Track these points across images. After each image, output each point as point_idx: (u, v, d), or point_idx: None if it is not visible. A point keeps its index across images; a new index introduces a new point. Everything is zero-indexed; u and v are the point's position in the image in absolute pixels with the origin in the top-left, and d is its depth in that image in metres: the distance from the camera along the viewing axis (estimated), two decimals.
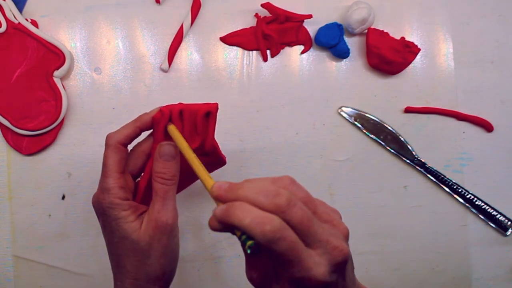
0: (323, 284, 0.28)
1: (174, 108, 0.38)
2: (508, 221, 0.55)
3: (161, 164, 0.37)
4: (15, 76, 0.52)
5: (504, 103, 0.56)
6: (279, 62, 0.55)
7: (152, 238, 0.36)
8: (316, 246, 0.28)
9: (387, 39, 0.53)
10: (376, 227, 0.55)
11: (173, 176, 0.37)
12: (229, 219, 0.27)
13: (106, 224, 0.37)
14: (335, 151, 0.55)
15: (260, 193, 0.28)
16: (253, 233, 0.26)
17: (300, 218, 0.27)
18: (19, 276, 0.54)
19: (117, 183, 0.37)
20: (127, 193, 0.37)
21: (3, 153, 0.54)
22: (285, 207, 0.27)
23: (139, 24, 0.55)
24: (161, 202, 0.36)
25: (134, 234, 0.36)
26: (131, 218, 0.36)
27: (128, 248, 0.37)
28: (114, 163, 0.37)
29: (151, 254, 0.36)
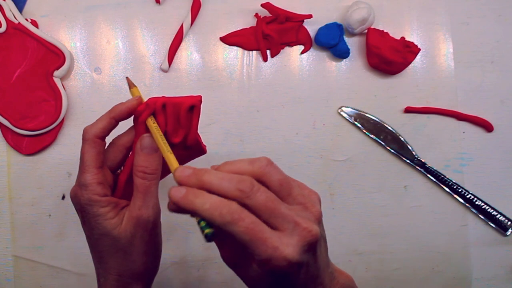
0: (293, 263, 0.28)
1: (158, 101, 0.36)
2: (508, 221, 0.55)
3: (142, 157, 0.35)
4: (15, 76, 0.52)
5: (504, 103, 0.56)
6: (279, 62, 0.55)
7: (134, 236, 0.35)
8: (284, 227, 0.28)
9: (387, 39, 0.53)
10: (376, 227, 0.55)
11: (155, 170, 0.35)
12: (188, 205, 0.29)
13: (85, 221, 0.36)
14: (335, 151, 0.55)
15: (224, 179, 0.29)
16: (211, 218, 0.28)
17: (264, 201, 0.28)
18: (19, 276, 0.54)
19: (95, 179, 0.35)
20: (106, 189, 0.36)
21: (3, 153, 0.54)
22: (249, 192, 0.28)
23: (139, 24, 0.55)
24: (142, 198, 0.35)
25: (115, 231, 0.35)
26: (111, 214, 0.35)
27: (110, 245, 0.36)
28: (91, 158, 0.35)
29: (132, 251, 0.36)
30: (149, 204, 0.35)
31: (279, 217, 0.28)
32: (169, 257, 0.54)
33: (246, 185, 0.28)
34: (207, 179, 0.29)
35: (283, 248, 0.27)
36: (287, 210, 0.29)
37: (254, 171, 0.30)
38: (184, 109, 0.37)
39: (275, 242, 0.28)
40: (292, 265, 0.28)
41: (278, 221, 0.28)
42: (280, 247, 0.27)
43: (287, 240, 0.28)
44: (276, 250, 0.27)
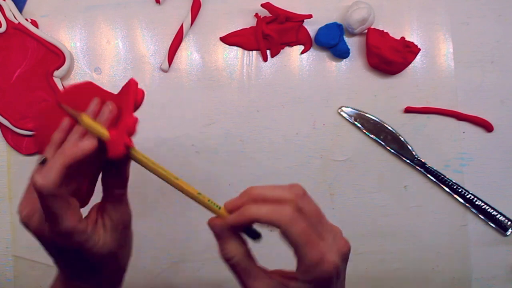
0: (337, 268, 0.30)
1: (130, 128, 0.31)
2: (508, 221, 0.55)
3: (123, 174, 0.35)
4: (15, 76, 0.52)
5: (504, 103, 0.56)
6: (279, 62, 0.55)
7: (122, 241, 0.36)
8: (326, 236, 0.31)
9: (387, 39, 0.53)
10: (376, 227, 0.55)
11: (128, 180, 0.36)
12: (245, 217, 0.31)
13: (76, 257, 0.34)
14: (335, 151, 0.55)
15: (275, 188, 0.31)
16: (271, 220, 0.30)
17: (314, 208, 0.31)
18: (19, 276, 0.54)
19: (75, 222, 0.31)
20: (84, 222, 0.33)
21: (3, 153, 0.54)
22: (302, 195, 0.31)
23: (139, 24, 0.55)
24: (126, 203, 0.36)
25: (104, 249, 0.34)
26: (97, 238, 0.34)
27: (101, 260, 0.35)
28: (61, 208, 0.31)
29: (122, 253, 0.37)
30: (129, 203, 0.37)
31: (323, 225, 0.31)
32: (169, 257, 0.54)
33: (300, 189, 0.31)
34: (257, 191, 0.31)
35: (330, 253, 0.30)
36: (329, 222, 0.32)
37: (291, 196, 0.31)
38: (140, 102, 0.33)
39: (323, 247, 0.30)
40: (336, 269, 0.30)
41: (321, 229, 0.31)
42: (328, 252, 0.30)
43: (331, 248, 0.30)
44: (325, 255, 0.30)
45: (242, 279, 0.33)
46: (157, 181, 0.58)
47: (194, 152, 0.55)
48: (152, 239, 0.54)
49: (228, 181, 0.54)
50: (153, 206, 0.54)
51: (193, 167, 0.54)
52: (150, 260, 0.54)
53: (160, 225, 0.54)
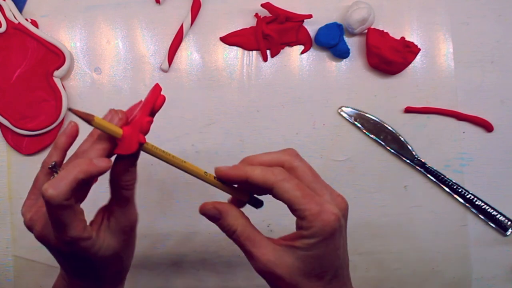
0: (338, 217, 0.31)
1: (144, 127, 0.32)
2: (508, 221, 0.55)
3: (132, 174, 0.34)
4: (15, 76, 0.52)
5: (504, 103, 0.56)
6: (279, 62, 0.55)
7: (127, 242, 0.36)
8: (322, 193, 0.32)
9: (387, 39, 0.53)
10: (376, 227, 0.55)
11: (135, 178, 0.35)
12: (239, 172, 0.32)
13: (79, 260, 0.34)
14: (335, 151, 0.55)
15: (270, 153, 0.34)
16: (264, 179, 0.31)
17: (307, 167, 0.33)
18: (19, 276, 0.54)
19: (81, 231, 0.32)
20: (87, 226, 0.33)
21: (3, 153, 0.54)
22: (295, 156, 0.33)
23: (139, 24, 0.55)
24: (134, 206, 0.36)
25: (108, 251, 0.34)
26: (100, 244, 0.34)
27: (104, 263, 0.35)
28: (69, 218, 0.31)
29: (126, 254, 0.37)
30: (136, 205, 0.36)
31: (319, 182, 0.33)
32: (169, 257, 0.54)
33: (293, 152, 0.34)
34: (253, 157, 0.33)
35: (329, 205, 0.31)
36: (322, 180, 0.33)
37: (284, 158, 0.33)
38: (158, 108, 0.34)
39: (321, 200, 0.31)
40: (338, 219, 0.31)
41: (318, 187, 0.32)
42: (327, 204, 0.31)
43: (329, 202, 0.32)
44: (324, 205, 0.30)
45: (247, 248, 0.33)
46: (158, 181, 0.58)
47: (194, 152, 0.55)
48: (152, 239, 0.54)
49: None
50: (153, 206, 0.54)
51: None
52: (150, 260, 0.54)
53: (160, 225, 0.54)
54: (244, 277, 0.54)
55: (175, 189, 0.54)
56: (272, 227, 0.54)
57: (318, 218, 0.30)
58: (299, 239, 0.31)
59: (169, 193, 0.54)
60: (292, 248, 0.32)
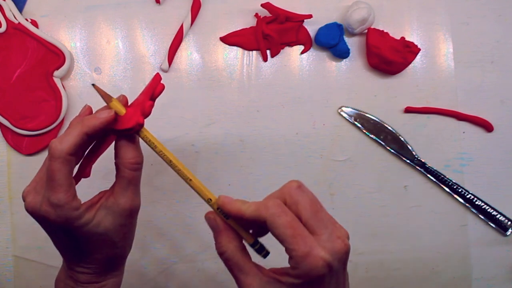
0: (328, 264, 0.29)
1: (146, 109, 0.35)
2: (508, 221, 0.55)
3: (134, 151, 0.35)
4: (15, 76, 0.52)
5: (504, 103, 0.56)
6: (279, 62, 0.55)
7: (123, 226, 0.36)
8: (320, 232, 0.30)
9: (387, 39, 0.53)
10: (376, 227, 0.55)
11: (142, 160, 0.36)
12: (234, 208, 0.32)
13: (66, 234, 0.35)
14: (335, 151, 0.55)
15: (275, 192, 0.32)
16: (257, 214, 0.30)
17: (309, 202, 0.31)
18: (19, 276, 0.54)
19: (70, 197, 0.33)
20: (78, 199, 0.34)
21: (3, 153, 0.54)
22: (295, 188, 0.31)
23: (139, 24, 0.55)
24: (135, 190, 0.36)
25: (99, 229, 0.35)
26: (90, 218, 0.34)
27: (95, 242, 0.36)
28: (64, 177, 0.33)
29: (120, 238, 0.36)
30: (138, 193, 0.36)
31: (319, 220, 0.30)
32: (169, 257, 0.54)
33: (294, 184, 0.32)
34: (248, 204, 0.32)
35: (319, 249, 0.29)
36: (326, 218, 0.31)
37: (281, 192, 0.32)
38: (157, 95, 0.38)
39: (312, 242, 0.29)
40: (328, 265, 0.29)
41: (317, 224, 0.30)
42: (317, 248, 0.29)
43: (323, 244, 0.29)
44: (313, 249, 0.29)
45: (234, 273, 0.33)
46: (157, 181, 0.58)
47: (194, 152, 0.55)
48: (152, 239, 0.54)
49: (228, 181, 0.54)
50: (153, 206, 0.54)
51: (193, 167, 0.54)
52: (150, 260, 0.54)
53: (160, 225, 0.54)
54: None
55: (175, 189, 0.54)
56: None
57: (304, 261, 0.29)
58: (286, 276, 0.31)
59: (169, 193, 0.54)
60: (278, 283, 0.31)
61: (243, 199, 0.33)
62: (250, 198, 0.33)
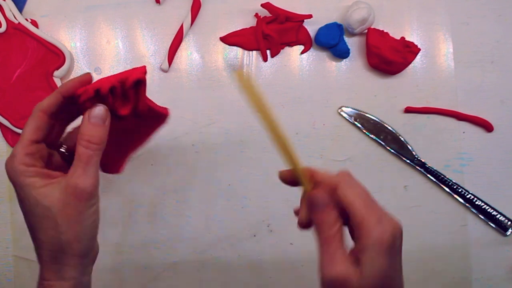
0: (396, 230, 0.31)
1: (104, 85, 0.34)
2: (508, 221, 0.55)
3: (89, 127, 0.35)
4: (15, 76, 0.52)
5: (504, 103, 0.56)
6: (279, 62, 0.55)
7: (67, 204, 0.34)
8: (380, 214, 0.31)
9: (387, 39, 0.53)
10: None
11: (100, 141, 0.35)
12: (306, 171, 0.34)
13: (17, 193, 0.36)
14: (335, 151, 0.55)
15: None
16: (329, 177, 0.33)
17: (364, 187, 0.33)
18: (19, 276, 0.54)
19: (24, 150, 0.35)
20: (35, 160, 0.35)
21: (3, 153, 0.54)
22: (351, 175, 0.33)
23: (139, 24, 0.55)
24: (83, 168, 0.34)
25: (45, 200, 0.34)
26: (39, 184, 0.35)
27: (40, 216, 0.35)
28: (28, 130, 0.35)
29: (63, 221, 0.35)
30: (89, 174, 0.34)
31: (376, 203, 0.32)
32: (169, 257, 0.54)
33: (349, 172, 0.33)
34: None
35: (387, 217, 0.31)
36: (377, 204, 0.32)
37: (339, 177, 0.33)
38: (129, 85, 0.35)
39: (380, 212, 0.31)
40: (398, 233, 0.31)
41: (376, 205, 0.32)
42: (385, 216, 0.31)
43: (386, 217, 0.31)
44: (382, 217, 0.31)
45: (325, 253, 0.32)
46: (157, 181, 0.58)
47: (194, 152, 0.55)
48: (152, 239, 0.54)
49: (228, 181, 0.54)
50: (152, 206, 0.54)
51: (193, 167, 0.54)
52: (150, 260, 0.54)
53: (160, 225, 0.54)
54: (244, 277, 0.54)
55: (174, 189, 0.54)
56: (272, 227, 0.54)
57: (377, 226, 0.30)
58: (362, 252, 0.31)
59: (169, 193, 0.54)
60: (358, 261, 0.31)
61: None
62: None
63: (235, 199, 0.54)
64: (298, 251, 0.54)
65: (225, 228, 0.54)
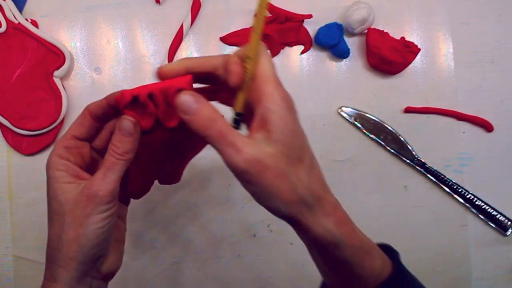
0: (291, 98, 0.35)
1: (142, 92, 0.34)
2: (508, 221, 0.55)
3: (117, 137, 0.35)
4: (15, 76, 0.52)
5: (504, 103, 0.56)
6: (279, 62, 0.55)
7: (77, 204, 0.34)
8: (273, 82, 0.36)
9: (387, 39, 0.53)
10: (376, 227, 0.55)
11: (124, 153, 0.35)
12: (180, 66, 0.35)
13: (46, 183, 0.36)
14: (335, 151, 0.55)
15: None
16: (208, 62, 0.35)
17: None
18: (19, 276, 0.54)
19: (63, 142, 0.36)
20: (71, 155, 0.36)
21: (3, 153, 0.54)
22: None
23: (139, 24, 0.55)
24: (103, 173, 0.34)
25: (62, 196, 0.34)
26: (65, 179, 0.35)
27: (54, 211, 0.35)
28: (72, 125, 0.37)
29: (69, 219, 0.34)
30: (106, 179, 0.34)
31: None
32: (169, 257, 0.54)
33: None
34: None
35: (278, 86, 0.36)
36: None
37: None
38: (172, 93, 0.34)
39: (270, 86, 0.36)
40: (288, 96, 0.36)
41: None
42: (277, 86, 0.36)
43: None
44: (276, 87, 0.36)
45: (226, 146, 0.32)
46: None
47: None
48: (152, 239, 0.54)
49: (228, 181, 0.54)
50: (152, 206, 0.54)
51: (193, 167, 0.54)
52: (150, 260, 0.54)
53: (160, 225, 0.54)
54: (244, 277, 0.54)
55: (174, 189, 0.54)
56: (272, 227, 0.54)
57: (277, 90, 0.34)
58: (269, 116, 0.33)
59: (169, 193, 0.54)
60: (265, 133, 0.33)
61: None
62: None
63: (235, 199, 0.54)
64: (298, 251, 0.54)
65: (225, 228, 0.54)
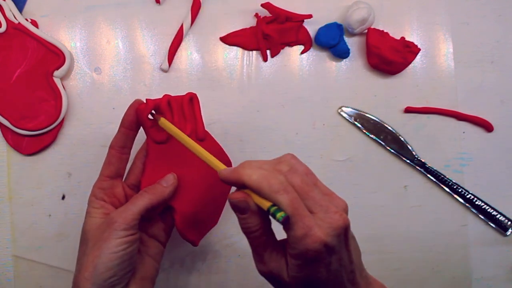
0: (326, 244, 0.29)
1: (162, 100, 0.41)
2: (508, 221, 0.55)
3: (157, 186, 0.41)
4: (15, 76, 0.52)
5: (504, 103, 0.56)
6: (279, 62, 0.55)
7: (99, 229, 0.38)
8: (316, 210, 0.30)
9: (387, 39, 0.53)
10: (376, 227, 0.55)
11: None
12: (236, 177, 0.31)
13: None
14: (335, 151, 0.55)
15: (264, 163, 0.32)
16: (259, 187, 0.30)
17: (300, 182, 0.31)
18: (19, 276, 0.54)
19: (98, 184, 0.41)
20: (105, 195, 0.41)
21: (3, 153, 0.54)
22: (287, 172, 0.31)
23: (139, 24, 0.55)
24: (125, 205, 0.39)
25: (88, 226, 0.39)
26: (97, 215, 0.39)
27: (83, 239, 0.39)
28: (103, 166, 0.41)
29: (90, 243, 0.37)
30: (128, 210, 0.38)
31: (313, 199, 0.31)
32: (169, 258, 0.54)
33: (284, 166, 0.31)
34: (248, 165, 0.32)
35: (316, 228, 0.29)
36: (320, 195, 0.31)
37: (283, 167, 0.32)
38: (186, 100, 0.42)
39: (310, 221, 0.29)
40: (325, 245, 0.29)
41: (311, 203, 0.30)
42: (314, 227, 0.29)
43: (320, 222, 0.30)
44: (311, 229, 0.29)
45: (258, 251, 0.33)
46: None
47: None
48: None
49: None
50: None
51: None
52: None
53: None
54: (244, 277, 0.54)
55: None
56: (272, 227, 0.54)
57: (301, 242, 0.29)
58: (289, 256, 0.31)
59: None
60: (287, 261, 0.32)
61: None
62: None
63: None
64: None
65: (225, 228, 0.54)
